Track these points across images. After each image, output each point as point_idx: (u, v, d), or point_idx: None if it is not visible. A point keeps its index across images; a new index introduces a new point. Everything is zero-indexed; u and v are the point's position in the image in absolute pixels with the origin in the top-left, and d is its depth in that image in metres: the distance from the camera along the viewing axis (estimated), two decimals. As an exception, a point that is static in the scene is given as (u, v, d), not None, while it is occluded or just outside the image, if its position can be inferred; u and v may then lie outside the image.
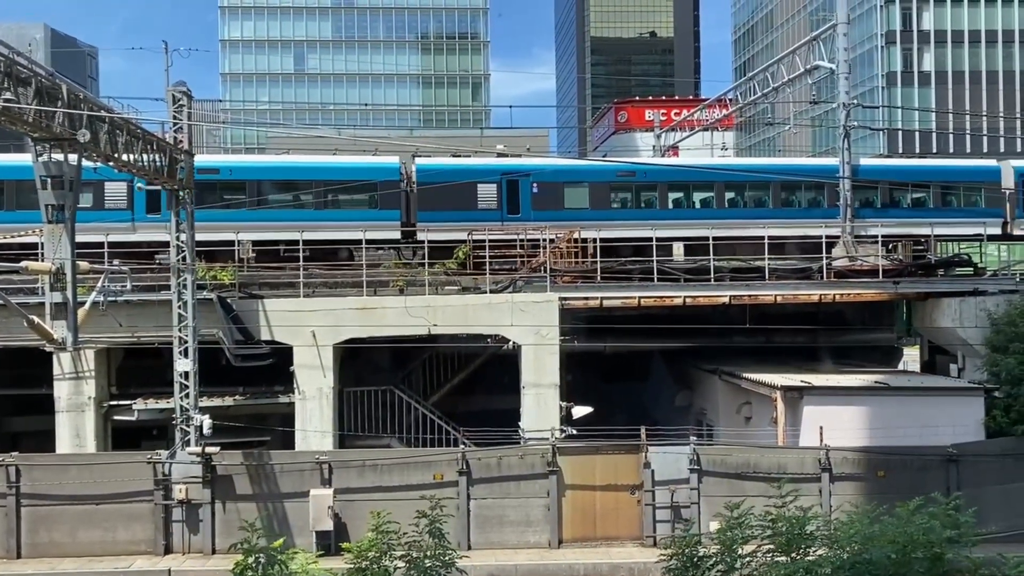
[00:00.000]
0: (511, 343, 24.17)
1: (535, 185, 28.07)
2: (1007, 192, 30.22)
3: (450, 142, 64.63)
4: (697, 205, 29.80)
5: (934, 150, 71.35)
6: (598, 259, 25.97)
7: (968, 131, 73.89)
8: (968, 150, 72.15)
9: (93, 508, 20.80)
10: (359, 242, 26.26)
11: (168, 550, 20.90)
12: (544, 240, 26.24)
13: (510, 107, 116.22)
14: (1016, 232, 30.18)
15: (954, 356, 26.93)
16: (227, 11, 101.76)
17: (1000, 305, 24.79)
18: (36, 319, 16.48)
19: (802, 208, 29.86)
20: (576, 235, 26.94)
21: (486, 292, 24.68)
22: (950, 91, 78.74)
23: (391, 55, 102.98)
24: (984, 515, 18.33)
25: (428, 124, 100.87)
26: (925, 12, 79.45)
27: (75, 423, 22.88)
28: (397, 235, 27.38)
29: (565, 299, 24.69)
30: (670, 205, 29.52)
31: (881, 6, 79.17)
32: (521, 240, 26.77)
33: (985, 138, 72.55)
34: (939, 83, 79.10)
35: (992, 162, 32.64)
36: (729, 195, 29.86)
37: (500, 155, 32.56)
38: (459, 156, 30.41)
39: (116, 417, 23.63)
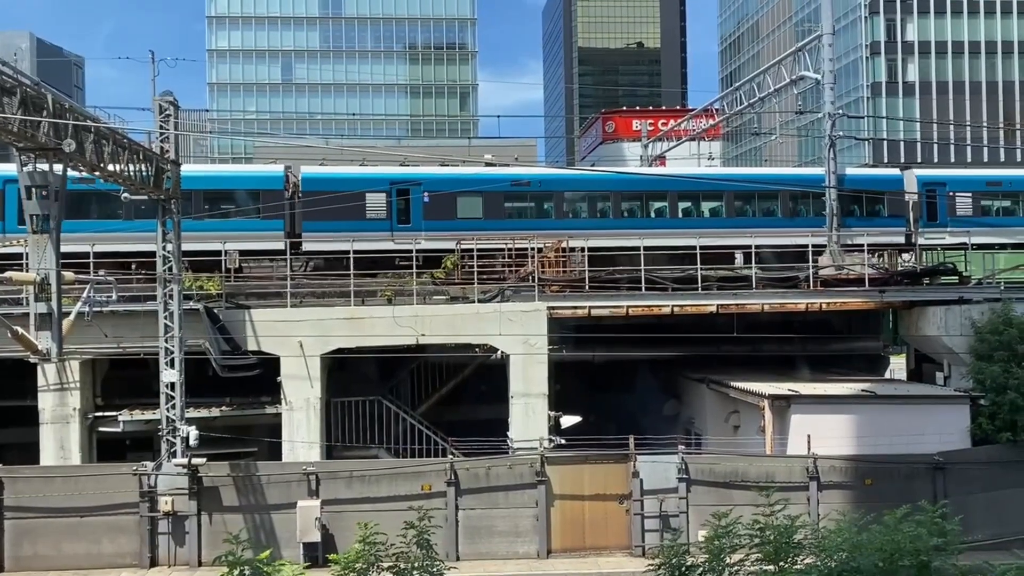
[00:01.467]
0: (499, 352, 24.14)
1: (426, 195, 27.51)
2: (910, 201, 30.27)
3: (438, 152, 64.71)
4: (597, 215, 29.40)
5: (919, 159, 71.93)
6: (586, 269, 25.99)
7: (952, 140, 74.59)
8: (952, 159, 72.84)
9: (78, 520, 20.63)
10: (247, 253, 25.69)
11: (154, 562, 20.74)
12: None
13: (498, 117, 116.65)
14: (920, 241, 30.06)
15: (940, 364, 27.07)
16: (215, 21, 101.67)
17: (984, 313, 24.95)
18: (20, 330, 16.35)
19: (703, 219, 29.83)
20: (564, 244, 26.99)
21: (474, 302, 24.66)
22: (934, 101, 79.51)
23: (379, 65, 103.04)
24: (970, 523, 18.40)
25: (416, 134, 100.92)
26: (909, 23, 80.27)
27: (60, 435, 22.69)
28: (281, 245, 26.60)
29: (553, 308, 24.69)
30: (568, 215, 29.09)
31: (865, 17, 79.94)
32: (509, 250, 26.69)
33: (969, 147, 73.27)
34: (923, 93, 79.86)
35: (895, 170, 32.92)
36: (627, 205, 29.51)
37: (488, 164, 32.54)
38: (329, 164, 30.14)
39: (101, 428, 23.45)
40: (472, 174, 28.92)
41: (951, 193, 30.49)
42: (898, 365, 32.45)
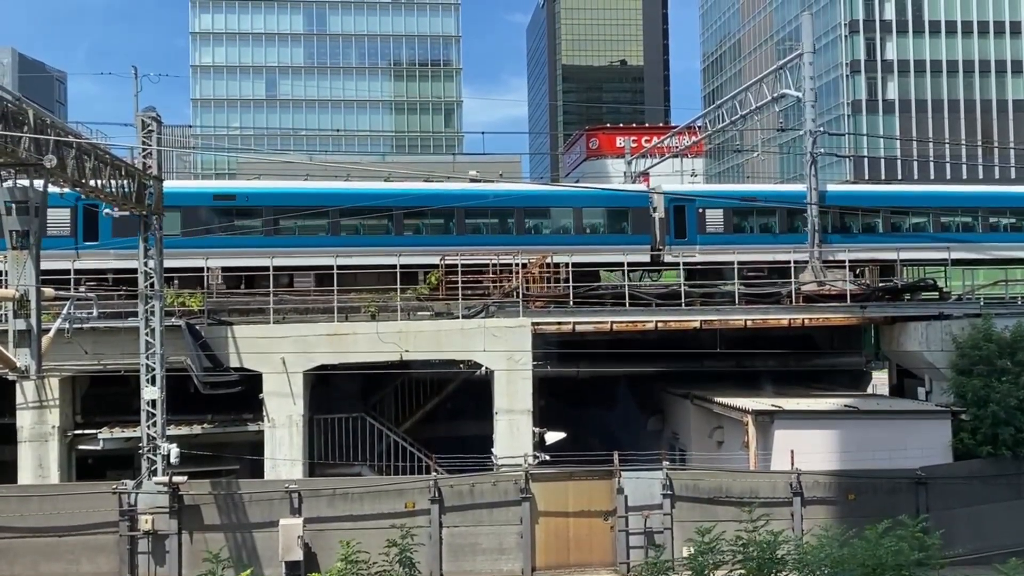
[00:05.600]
0: (484, 369, 24.09)
1: (116, 209, 26.11)
2: (657, 218, 29.89)
3: (423, 168, 64.79)
4: (311, 232, 27.86)
5: (899, 176, 72.77)
6: (571, 284, 26.04)
7: (931, 158, 75.52)
8: (932, 176, 73.68)
9: (56, 540, 20.33)
10: None
11: (133, 583, 20.45)
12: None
13: (482, 133, 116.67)
14: (668, 259, 29.53)
15: (922, 379, 27.26)
16: (198, 37, 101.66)
17: (964, 329, 25.17)
18: (-1, 347, 16.17)
19: (406, 236, 28.38)
20: (548, 259, 27.02)
21: (458, 317, 24.63)
22: (914, 119, 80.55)
23: (363, 81, 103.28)
24: (952, 537, 18.51)
25: (401, 150, 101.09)
26: (888, 43, 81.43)
27: (38, 453, 22.41)
28: None
29: (537, 324, 24.69)
30: (279, 232, 27.40)
31: (845, 36, 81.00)
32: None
33: (948, 164, 74.18)
34: (903, 111, 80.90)
35: (642, 187, 32.78)
36: (348, 222, 27.92)
37: (473, 180, 32.54)
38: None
39: (81, 446, 23.16)
40: (170, 188, 27.07)
41: (700, 210, 29.96)
42: (880, 380, 32.64)
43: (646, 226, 29.72)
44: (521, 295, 25.12)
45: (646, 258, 29.38)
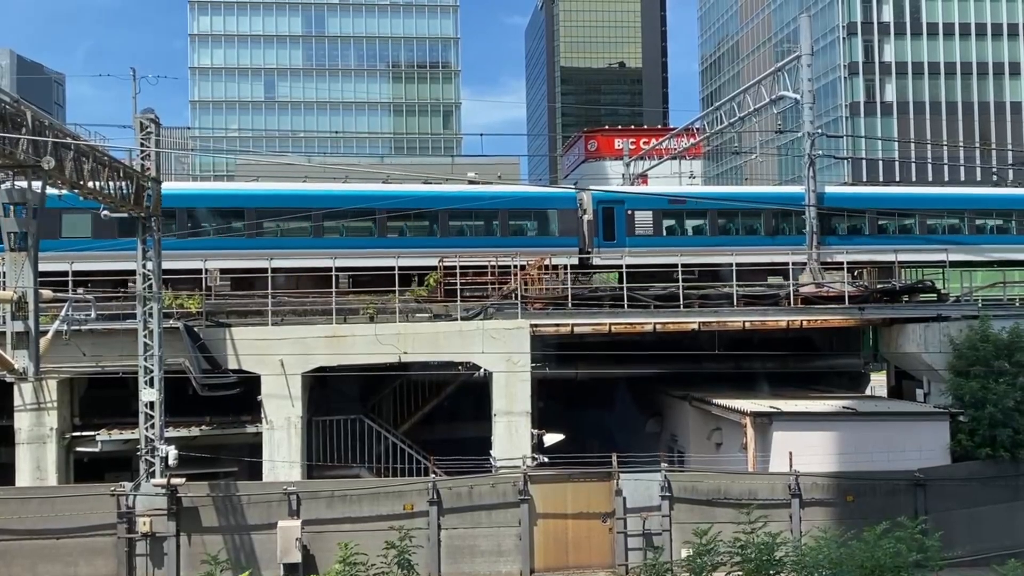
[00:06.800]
0: (482, 370, 24.08)
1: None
2: (585, 220, 29.64)
3: (421, 170, 64.89)
4: (233, 235, 27.28)
5: (897, 178, 72.91)
6: (570, 286, 26.04)
7: (930, 160, 75.65)
8: (930, 178, 73.85)
9: (54, 542, 20.29)
10: None
11: (131, 585, 20.43)
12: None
13: (481, 135, 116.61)
14: (596, 261, 29.32)
15: (920, 381, 27.29)
16: (197, 39, 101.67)
17: (962, 330, 25.20)
18: (-3, 349, 16.17)
19: (327, 238, 27.89)
20: (547, 261, 27.03)
21: (457, 319, 24.63)
22: (912, 121, 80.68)
23: (362, 83, 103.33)
24: (950, 539, 18.55)
25: (399, 152, 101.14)
26: (886, 45, 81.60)
27: (36, 455, 22.37)
28: None
29: (536, 326, 24.69)
30: (199, 234, 26.65)
31: (844, 38, 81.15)
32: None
33: (946, 166, 74.30)
34: (901, 113, 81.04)
35: (570, 188, 32.35)
36: (268, 225, 27.53)
37: (471, 182, 32.55)
38: None
39: (79, 448, 23.14)
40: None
41: (629, 211, 29.65)
42: (878, 382, 32.65)
43: (574, 228, 29.47)
44: (520, 297, 25.12)
45: (574, 260, 29.05)
